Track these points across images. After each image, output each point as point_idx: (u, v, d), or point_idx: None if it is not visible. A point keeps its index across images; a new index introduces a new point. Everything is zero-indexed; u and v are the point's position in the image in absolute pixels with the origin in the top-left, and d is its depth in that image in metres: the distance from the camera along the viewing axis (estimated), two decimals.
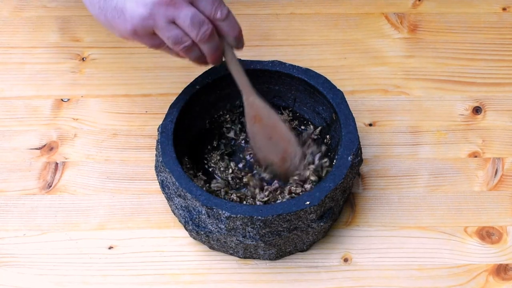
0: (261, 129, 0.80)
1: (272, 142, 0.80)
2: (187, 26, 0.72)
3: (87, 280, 0.78)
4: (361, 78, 0.93)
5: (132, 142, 0.87)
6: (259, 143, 0.81)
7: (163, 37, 0.73)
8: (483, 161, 0.86)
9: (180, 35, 0.73)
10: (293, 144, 0.80)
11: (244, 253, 0.78)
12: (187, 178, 0.75)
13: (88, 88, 0.92)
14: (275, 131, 0.80)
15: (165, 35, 0.73)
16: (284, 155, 0.80)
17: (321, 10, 0.99)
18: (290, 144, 0.80)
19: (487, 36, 0.97)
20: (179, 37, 0.73)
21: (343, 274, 0.78)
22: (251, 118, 0.80)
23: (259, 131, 0.80)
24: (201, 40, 0.74)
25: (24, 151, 0.86)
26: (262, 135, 0.80)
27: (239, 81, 0.79)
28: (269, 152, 0.81)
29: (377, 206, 0.83)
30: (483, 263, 0.79)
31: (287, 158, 0.80)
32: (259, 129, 0.80)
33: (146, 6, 0.71)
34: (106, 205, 0.82)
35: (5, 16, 0.98)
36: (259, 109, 0.79)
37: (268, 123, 0.79)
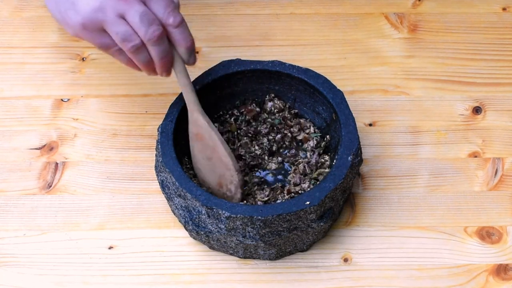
0: (201, 148, 0.78)
1: (211, 163, 0.78)
2: (136, 23, 0.71)
3: (87, 280, 0.78)
4: (361, 78, 0.93)
5: (132, 142, 0.87)
6: (199, 162, 0.79)
7: (111, 32, 0.72)
8: (483, 161, 0.86)
9: (129, 32, 0.72)
10: (231, 170, 0.77)
11: (244, 253, 0.78)
12: (187, 178, 0.75)
13: (88, 88, 0.92)
14: (214, 153, 0.78)
15: (113, 30, 0.72)
16: (220, 179, 0.78)
17: (321, 10, 0.99)
18: (228, 170, 0.77)
19: (487, 36, 0.97)
20: (127, 34, 0.72)
21: (343, 274, 0.78)
22: (193, 135, 0.79)
23: (200, 149, 0.79)
24: (150, 41, 0.72)
25: (24, 151, 0.86)
26: (202, 154, 0.79)
27: (185, 95, 0.77)
28: (207, 174, 0.79)
29: (377, 206, 0.83)
30: (483, 263, 0.79)
31: (222, 183, 0.78)
32: (200, 147, 0.78)
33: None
34: (106, 205, 0.82)
35: (5, 16, 0.98)
36: (201, 128, 0.78)
37: (208, 143, 0.78)
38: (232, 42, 0.95)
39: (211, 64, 0.83)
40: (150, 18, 0.72)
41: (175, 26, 0.73)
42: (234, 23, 0.97)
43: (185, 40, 0.74)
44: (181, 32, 0.74)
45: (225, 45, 0.95)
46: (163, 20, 0.72)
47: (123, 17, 0.72)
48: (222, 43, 0.95)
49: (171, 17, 0.72)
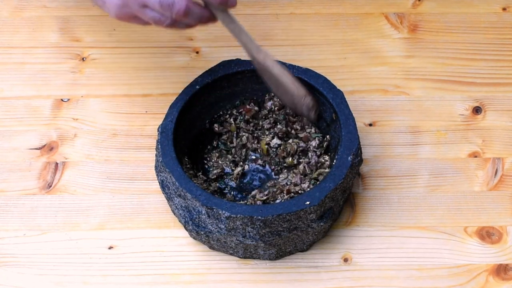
0: (269, 77, 0.82)
1: (281, 89, 0.82)
2: (159, 9, 0.74)
3: (87, 280, 0.78)
4: (361, 78, 0.93)
5: (132, 142, 0.87)
6: (271, 87, 0.83)
7: (144, 19, 0.76)
8: (483, 161, 0.86)
9: (158, 16, 0.75)
10: (298, 97, 0.81)
11: (244, 253, 0.78)
12: (187, 178, 0.75)
13: (88, 88, 0.92)
14: (279, 84, 0.81)
15: (145, 17, 0.76)
16: (294, 101, 0.82)
17: (321, 10, 0.99)
18: (295, 97, 0.81)
19: (487, 36, 0.97)
20: (157, 18, 0.76)
21: (343, 274, 0.78)
22: (257, 70, 0.82)
23: (268, 79, 0.82)
24: (179, 18, 0.75)
25: (24, 151, 0.86)
26: (271, 83, 0.82)
27: (239, 39, 0.80)
28: (282, 96, 0.83)
29: (377, 206, 0.82)
30: (483, 263, 0.79)
31: (297, 105, 0.82)
32: (268, 78, 0.82)
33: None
34: (106, 205, 0.82)
35: (5, 16, 0.98)
36: (260, 65, 0.80)
37: (271, 78, 0.81)
38: (232, 42, 0.95)
39: (211, 64, 0.83)
40: (168, 1, 0.74)
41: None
42: None
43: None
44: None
45: (225, 45, 0.95)
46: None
47: (146, 5, 0.75)
48: (222, 43, 0.95)
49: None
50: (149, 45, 0.95)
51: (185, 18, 0.75)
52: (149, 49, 0.95)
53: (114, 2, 0.76)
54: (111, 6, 0.77)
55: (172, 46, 0.95)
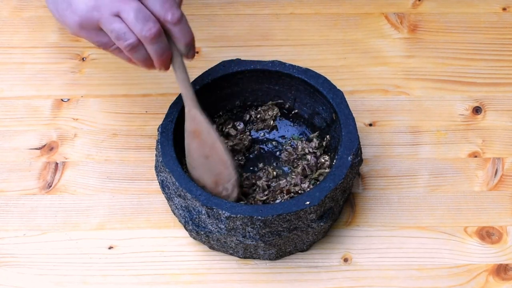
0: (198, 146, 0.77)
1: (208, 161, 0.77)
2: (131, 21, 0.70)
3: (87, 280, 0.78)
4: (361, 78, 0.93)
5: (132, 142, 0.87)
6: (195, 161, 0.78)
7: (107, 31, 0.71)
8: (483, 161, 0.86)
9: (123, 30, 0.70)
10: (229, 168, 0.77)
11: (244, 253, 0.78)
12: (187, 178, 0.75)
13: (88, 88, 0.92)
14: (212, 150, 0.77)
15: (108, 28, 0.71)
16: (217, 178, 0.77)
17: (321, 10, 0.99)
18: (226, 168, 0.77)
19: (487, 36, 0.97)
20: (122, 32, 0.70)
21: (343, 274, 0.78)
22: (190, 133, 0.77)
23: (197, 147, 0.78)
24: (146, 39, 0.71)
25: (24, 151, 0.86)
26: (199, 153, 0.78)
27: (183, 91, 0.76)
28: (203, 173, 0.78)
29: (377, 206, 0.83)
30: (483, 263, 0.79)
31: (219, 182, 0.77)
32: (197, 145, 0.77)
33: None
34: (106, 205, 0.82)
35: (5, 16, 0.98)
36: (199, 124, 0.77)
37: (206, 140, 0.77)
38: (232, 42, 0.95)
39: (211, 64, 0.83)
40: (145, 15, 0.70)
41: (173, 23, 0.71)
42: (234, 23, 0.97)
43: (184, 36, 0.73)
44: (180, 29, 0.72)
45: (225, 45, 0.95)
46: (161, 17, 0.71)
47: (119, 15, 0.70)
48: (222, 43, 0.95)
49: (169, 13, 0.71)
50: None
51: (151, 43, 0.71)
52: None
53: (85, 3, 0.70)
54: (78, 8, 0.71)
55: None
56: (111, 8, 0.70)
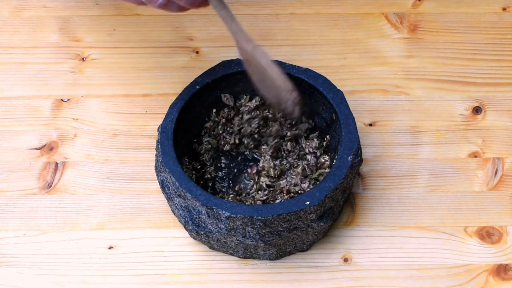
0: (254, 70, 0.79)
1: (265, 84, 0.79)
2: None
3: (87, 280, 0.78)
4: (361, 78, 0.93)
5: (132, 142, 0.87)
6: (255, 81, 0.80)
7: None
8: (483, 161, 0.86)
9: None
10: (284, 91, 0.77)
11: (244, 253, 0.78)
12: (187, 178, 0.75)
13: (88, 88, 0.92)
14: (265, 76, 0.78)
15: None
16: (278, 97, 0.79)
17: (321, 10, 0.99)
18: (281, 91, 0.77)
19: (487, 36, 0.97)
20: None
21: (343, 274, 0.78)
22: (244, 61, 0.79)
23: (253, 72, 0.79)
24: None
25: (24, 151, 0.86)
26: (256, 76, 0.79)
27: (228, 25, 0.77)
28: (265, 92, 0.80)
29: (377, 206, 0.83)
30: (483, 263, 0.79)
31: (281, 101, 0.78)
32: (252, 70, 0.79)
33: None
34: (106, 205, 0.82)
35: (5, 16, 0.98)
36: (248, 54, 0.78)
37: (257, 69, 0.78)
38: (232, 42, 0.95)
39: (211, 64, 0.83)
40: None
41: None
42: None
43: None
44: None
45: (225, 45, 0.95)
46: None
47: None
48: (222, 43, 0.95)
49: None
50: (149, 45, 0.95)
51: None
52: (149, 49, 0.95)
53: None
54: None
55: (172, 46, 0.95)
56: None
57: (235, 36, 0.77)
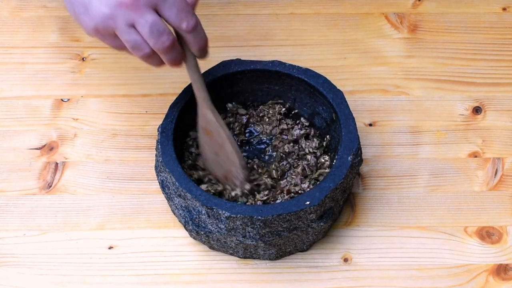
0: (209, 142, 0.79)
1: (218, 158, 0.78)
2: (146, 34, 0.70)
3: (87, 280, 0.78)
4: (361, 78, 0.93)
5: (132, 142, 0.87)
6: (206, 154, 0.80)
7: (122, 39, 0.72)
8: (483, 161, 0.86)
9: (139, 42, 0.71)
10: (237, 167, 0.77)
11: (244, 253, 0.78)
12: (187, 178, 0.75)
13: (88, 88, 0.92)
14: (221, 149, 0.78)
15: (124, 38, 0.71)
16: (226, 174, 0.79)
17: (321, 10, 0.99)
18: (234, 166, 0.78)
19: (487, 36, 0.97)
20: (137, 43, 0.71)
21: (343, 274, 0.78)
22: (201, 129, 0.79)
23: (208, 143, 0.79)
24: (160, 50, 0.72)
25: (24, 151, 0.86)
26: (210, 149, 0.79)
27: (195, 91, 0.77)
28: (214, 166, 0.80)
29: (377, 206, 0.83)
30: (483, 263, 0.79)
31: (229, 178, 0.78)
32: (208, 142, 0.79)
33: (108, 5, 0.70)
34: (106, 205, 0.82)
35: (5, 16, 0.98)
36: (210, 124, 0.77)
37: (216, 139, 0.78)
38: (232, 42, 0.95)
39: (211, 64, 0.83)
40: (160, 29, 0.70)
41: (188, 32, 0.72)
42: (234, 23, 0.97)
43: (198, 42, 0.74)
44: (194, 36, 0.73)
45: (225, 45, 0.95)
46: (176, 26, 0.72)
47: (133, 26, 0.71)
48: (222, 43, 0.95)
49: (184, 23, 0.71)
50: None
51: (165, 54, 0.72)
52: None
53: (101, 11, 0.70)
54: (95, 15, 0.70)
55: None
56: (127, 19, 0.70)
57: (202, 103, 0.77)
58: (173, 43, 0.72)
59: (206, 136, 0.79)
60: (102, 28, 0.71)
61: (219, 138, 0.77)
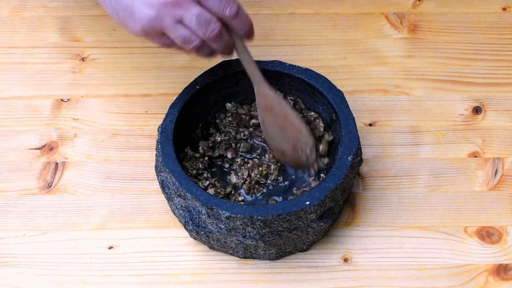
0: (272, 119, 0.80)
1: (283, 131, 0.80)
2: (194, 26, 0.73)
3: (87, 280, 0.78)
4: (361, 78, 0.93)
5: (132, 142, 0.87)
6: (270, 132, 0.81)
7: (172, 37, 0.74)
8: (483, 161, 0.86)
9: (188, 35, 0.74)
10: (305, 134, 0.79)
11: (244, 253, 0.78)
12: (187, 178, 0.75)
13: (88, 88, 0.92)
14: (286, 121, 0.79)
15: (173, 35, 0.74)
16: (295, 144, 0.80)
17: (321, 10, 0.99)
18: (302, 134, 0.79)
19: (487, 36, 0.97)
20: (187, 37, 0.74)
21: (343, 274, 0.78)
22: (262, 108, 0.80)
23: (271, 121, 0.80)
24: (210, 39, 0.74)
25: (24, 151, 0.86)
26: (274, 125, 0.80)
27: (250, 71, 0.79)
28: (280, 142, 0.80)
29: (377, 206, 0.83)
30: (483, 263, 0.79)
31: (298, 148, 0.80)
32: (270, 119, 0.80)
33: (152, 7, 0.72)
34: (106, 205, 0.82)
35: (5, 16, 0.98)
36: (270, 99, 0.79)
37: (279, 112, 0.79)
38: None
39: (211, 64, 0.83)
40: (207, 18, 0.73)
41: (232, 18, 0.74)
42: None
43: (243, 26, 0.76)
44: (239, 20, 0.75)
45: None
46: (220, 14, 0.74)
47: (181, 21, 0.73)
48: None
49: (227, 9, 0.73)
50: (149, 45, 0.94)
51: (215, 42, 0.74)
52: (149, 49, 0.95)
53: (146, 14, 0.72)
54: (141, 18, 0.73)
55: None
56: (173, 16, 0.72)
57: (259, 81, 0.79)
58: (221, 31, 0.74)
59: (268, 114, 0.80)
60: (149, 29, 0.74)
61: (282, 110, 0.79)
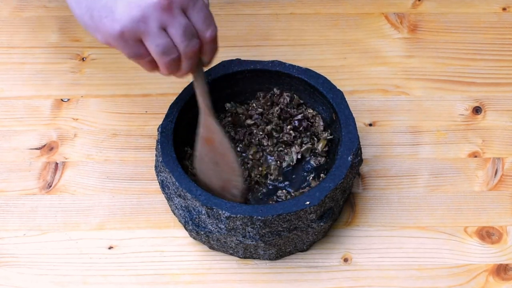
0: (210, 152, 0.77)
1: (217, 167, 0.78)
2: (178, 37, 0.68)
3: (87, 280, 0.78)
4: (361, 78, 0.93)
5: (132, 142, 0.87)
6: (204, 165, 0.78)
7: (151, 44, 0.68)
8: (483, 161, 0.86)
9: (170, 45, 0.69)
10: (237, 175, 0.77)
11: (244, 253, 0.78)
12: (187, 178, 0.75)
13: (88, 88, 0.92)
14: (222, 158, 0.77)
15: (154, 42, 0.68)
16: (225, 184, 0.78)
17: (321, 10, 0.99)
18: (234, 174, 0.77)
19: (487, 36, 0.97)
20: (167, 47, 0.69)
21: (343, 274, 0.78)
22: (203, 139, 0.77)
23: (208, 153, 0.78)
24: (187, 54, 0.70)
25: (24, 151, 0.86)
26: (209, 159, 0.78)
27: (200, 99, 0.76)
28: (211, 177, 0.78)
29: (377, 206, 0.83)
30: (483, 263, 0.79)
31: (226, 188, 0.78)
32: (208, 151, 0.78)
33: (139, 7, 0.66)
34: (106, 205, 0.82)
35: (5, 16, 0.98)
36: (213, 133, 0.77)
37: (218, 148, 0.77)
38: (232, 42, 0.95)
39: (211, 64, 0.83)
40: (192, 32, 0.69)
41: (209, 40, 0.71)
42: (234, 23, 0.97)
43: (213, 52, 0.73)
44: (213, 46, 0.72)
45: (225, 45, 0.94)
46: (200, 33, 0.70)
47: (165, 29, 0.68)
48: (222, 43, 0.94)
49: (209, 30, 0.70)
50: None
51: (190, 59, 0.70)
52: None
53: (131, 14, 0.66)
54: (123, 18, 0.66)
55: None
56: (160, 21, 0.67)
57: (207, 111, 0.76)
58: (199, 49, 0.71)
59: (207, 145, 0.77)
60: (128, 33, 0.67)
61: (222, 146, 0.77)
